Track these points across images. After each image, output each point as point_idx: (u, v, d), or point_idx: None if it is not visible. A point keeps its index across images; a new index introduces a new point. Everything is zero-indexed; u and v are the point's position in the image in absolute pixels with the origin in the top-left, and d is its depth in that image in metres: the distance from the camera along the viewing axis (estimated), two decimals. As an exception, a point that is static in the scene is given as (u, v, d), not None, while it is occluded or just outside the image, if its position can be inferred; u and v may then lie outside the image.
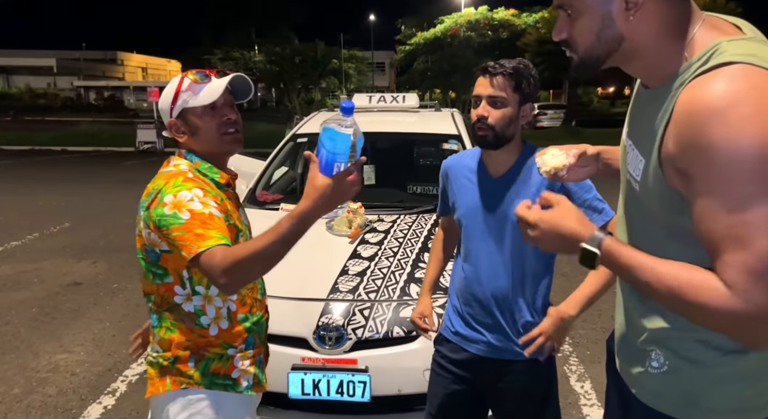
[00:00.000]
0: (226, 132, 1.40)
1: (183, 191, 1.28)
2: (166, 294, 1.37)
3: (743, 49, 0.86)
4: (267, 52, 34.49)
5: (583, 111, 33.42)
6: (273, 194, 3.55)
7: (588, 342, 3.71)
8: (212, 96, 1.35)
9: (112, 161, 15.52)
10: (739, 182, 0.82)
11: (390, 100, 4.55)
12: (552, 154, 1.30)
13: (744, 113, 0.80)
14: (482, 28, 29.23)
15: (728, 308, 0.83)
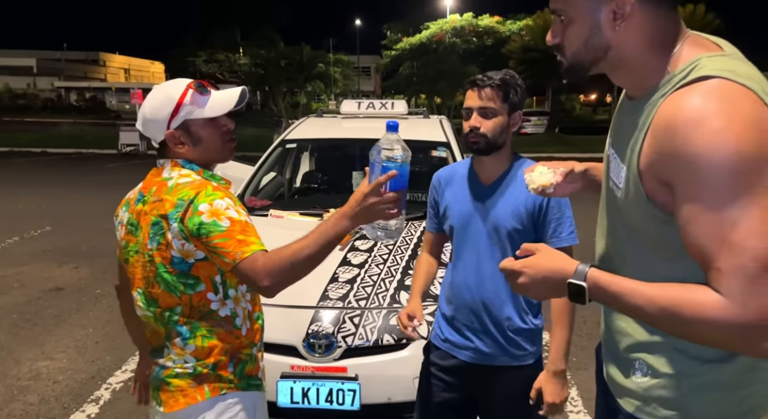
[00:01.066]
0: (226, 141, 1.44)
1: (217, 200, 1.30)
2: (200, 303, 1.36)
3: (721, 65, 0.90)
4: (252, 54, 34.32)
5: (565, 118, 33.84)
6: (261, 200, 3.54)
7: (575, 349, 3.73)
8: (223, 109, 1.38)
9: (94, 163, 15.29)
10: (720, 188, 0.84)
11: (379, 107, 4.57)
12: (540, 172, 1.34)
13: (719, 125, 0.84)
14: (467, 35, 29.46)
15: (728, 318, 0.83)
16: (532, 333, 1.72)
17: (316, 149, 4.85)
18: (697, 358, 1.00)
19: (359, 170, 4.03)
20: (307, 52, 32.42)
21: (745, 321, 0.82)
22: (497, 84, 1.61)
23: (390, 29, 38.84)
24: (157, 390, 1.42)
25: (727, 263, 0.83)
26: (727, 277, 0.84)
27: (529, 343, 1.72)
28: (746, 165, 0.83)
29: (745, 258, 0.82)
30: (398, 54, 31.01)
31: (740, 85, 0.87)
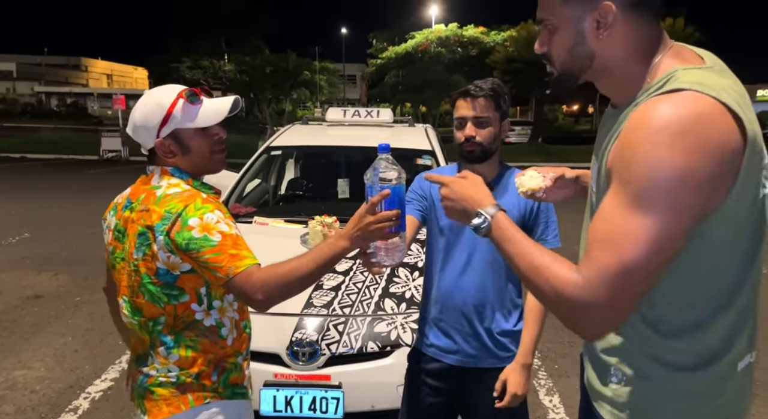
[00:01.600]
0: (217, 151, 1.42)
1: (207, 214, 1.28)
2: (184, 313, 1.36)
3: (695, 78, 0.92)
4: (237, 61, 34.21)
5: (548, 128, 34.25)
6: (246, 207, 3.52)
7: (556, 356, 3.78)
8: (216, 119, 1.37)
9: (74, 169, 15.07)
10: (638, 194, 0.88)
11: (364, 115, 4.59)
12: (530, 176, 1.37)
13: (672, 138, 0.86)
14: (452, 45, 29.76)
15: (573, 296, 0.91)
16: (517, 335, 1.75)
17: (302, 156, 4.85)
18: (670, 366, 1.01)
19: (344, 177, 4.04)
20: (293, 60, 32.42)
21: (588, 301, 0.90)
22: (490, 94, 1.65)
23: (376, 38, 39.07)
24: (141, 398, 1.41)
25: (600, 256, 0.90)
26: (592, 267, 0.91)
27: (514, 345, 1.74)
28: (667, 186, 0.87)
29: (615, 258, 0.88)
30: (384, 63, 31.20)
31: (711, 97, 0.89)
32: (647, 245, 0.87)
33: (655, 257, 0.88)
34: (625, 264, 0.88)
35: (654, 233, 0.87)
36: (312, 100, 35.10)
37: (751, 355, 1.05)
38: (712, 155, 0.86)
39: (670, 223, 0.87)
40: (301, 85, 33.31)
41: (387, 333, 2.38)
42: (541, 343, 3.94)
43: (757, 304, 1.04)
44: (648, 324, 1.01)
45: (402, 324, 2.42)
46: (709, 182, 0.87)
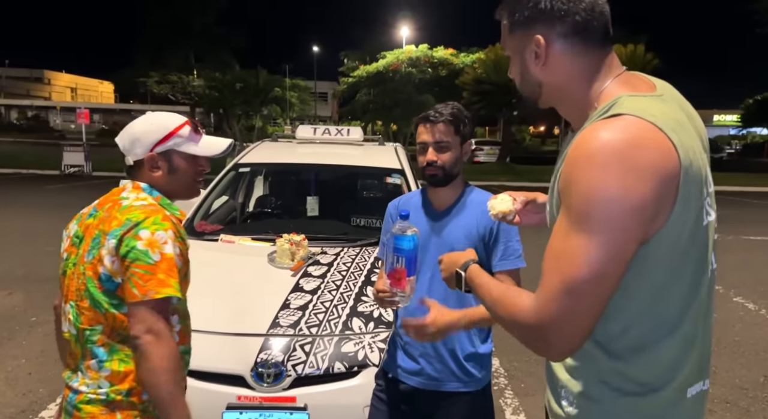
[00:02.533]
0: (198, 180, 1.53)
1: (160, 231, 1.34)
2: (121, 325, 1.36)
3: (635, 104, 0.96)
4: (206, 77, 33.90)
5: (516, 148, 34.94)
6: (212, 225, 3.46)
7: (522, 375, 3.81)
8: (213, 151, 1.51)
9: (34, 184, 14.58)
10: (580, 216, 0.92)
11: (334, 133, 4.59)
12: (501, 199, 1.41)
13: (606, 160, 0.90)
14: (422, 65, 30.21)
15: (524, 317, 0.99)
16: (482, 359, 1.75)
17: (271, 173, 4.82)
18: (618, 390, 1.02)
19: (314, 195, 4.02)
20: (264, 76, 32.31)
21: (532, 323, 0.97)
22: (449, 119, 1.68)
23: (347, 57, 39.35)
24: (69, 416, 1.38)
25: (547, 278, 0.96)
26: (542, 287, 0.97)
27: (478, 369, 1.74)
28: (604, 207, 0.90)
29: (557, 279, 0.94)
30: (355, 81, 31.41)
31: (648, 122, 0.92)
32: (586, 265, 0.91)
33: (595, 276, 0.91)
34: (566, 283, 0.92)
35: (592, 253, 0.91)
36: (283, 116, 34.99)
37: (703, 383, 1.07)
38: (647, 177, 0.89)
39: (608, 243, 0.91)
40: (271, 101, 33.17)
41: (354, 352, 2.35)
42: (507, 362, 3.98)
43: (706, 334, 1.07)
44: (596, 343, 1.03)
45: (370, 344, 2.39)
46: (646, 203, 0.90)
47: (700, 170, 0.96)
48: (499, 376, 3.77)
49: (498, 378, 3.73)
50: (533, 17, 1.04)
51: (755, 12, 23.43)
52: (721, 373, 3.88)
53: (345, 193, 4.48)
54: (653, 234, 0.93)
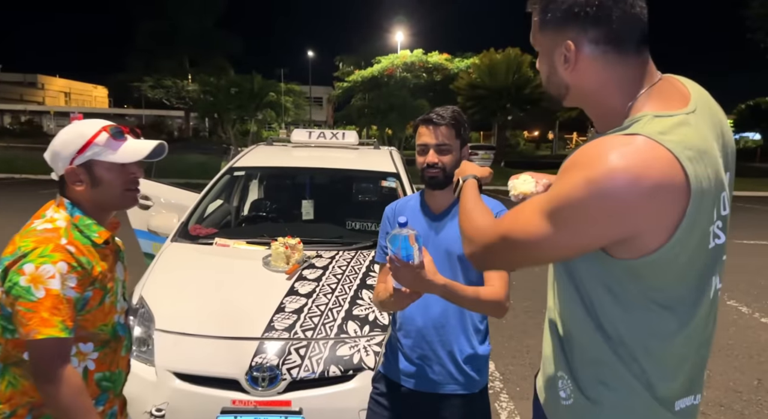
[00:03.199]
0: (130, 189, 1.43)
1: (46, 265, 1.26)
2: (14, 350, 1.33)
3: (658, 127, 0.92)
4: (201, 81, 33.89)
5: (511, 152, 35.05)
6: (207, 228, 3.44)
7: (518, 379, 3.80)
8: (135, 157, 1.39)
9: (27, 189, 14.49)
10: (553, 206, 0.96)
11: (330, 137, 4.59)
12: (524, 180, 1.40)
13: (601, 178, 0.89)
14: (417, 70, 30.31)
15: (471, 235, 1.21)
16: (479, 361, 1.74)
17: (266, 177, 4.81)
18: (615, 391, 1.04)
19: (309, 198, 4.01)
20: (258, 81, 32.31)
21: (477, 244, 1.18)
22: (451, 123, 1.71)
23: (342, 61, 39.43)
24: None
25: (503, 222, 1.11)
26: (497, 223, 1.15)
27: (476, 371, 1.74)
28: (577, 212, 0.92)
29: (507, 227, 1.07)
30: (350, 86, 31.47)
31: (664, 148, 0.89)
32: (532, 238, 1.00)
33: (523, 248, 1.03)
34: (506, 234, 1.06)
35: (542, 234, 0.98)
36: (278, 121, 34.99)
37: (693, 398, 1.07)
38: (643, 192, 0.87)
39: (561, 239, 0.97)
40: (266, 106, 33.16)
41: (350, 356, 2.35)
42: (503, 366, 3.97)
43: (701, 353, 1.08)
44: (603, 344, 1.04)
45: (365, 347, 2.39)
46: (628, 216, 0.90)
47: (714, 198, 0.94)
48: (494, 380, 3.76)
49: (493, 382, 3.72)
50: (565, 19, 0.99)
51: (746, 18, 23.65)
52: (715, 376, 3.89)
53: (340, 196, 4.48)
54: (650, 252, 0.93)
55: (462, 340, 1.72)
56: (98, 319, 1.39)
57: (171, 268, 2.93)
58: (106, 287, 1.41)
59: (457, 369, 1.71)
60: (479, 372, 1.74)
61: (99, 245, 1.41)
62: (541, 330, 1.27)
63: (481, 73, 24.08)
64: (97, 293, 1.37)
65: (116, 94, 47.50)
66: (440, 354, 1.71)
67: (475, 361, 1.73)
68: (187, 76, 36.87)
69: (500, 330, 4.63)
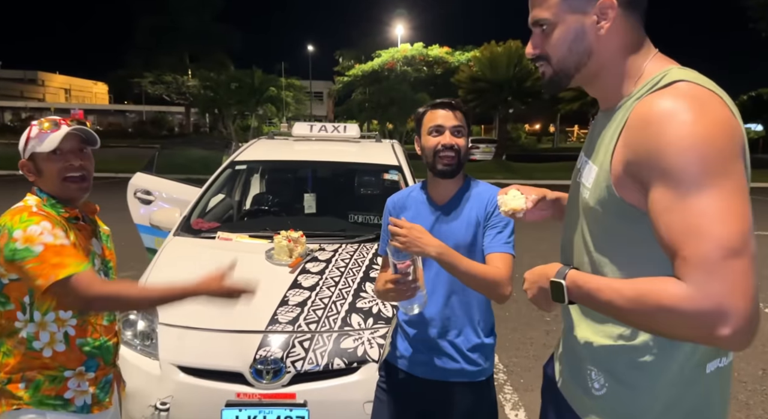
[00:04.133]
0: (68, 177, 1.52)
1: (32, 226, 1.41)
2: (8, 322, 1.48)
3: (691, 75, 0.99)
4: (201, 77, 33.82)
5: (512, 146, 34.97)
6: (209, 223, 3.44)
7: (521, 370, 3.80)
8: (52, 145, 1.49)
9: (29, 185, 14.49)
10: (688, 176, 0.87)
11: (331, 130, 4.57)
12: (513, 195, 1.39)
13: (689, 118, 0.90)
14: (418, 64, 30.19)
15: (689, 305, 0.83)
16: (486, 350, 1.74)
17: (267, 171, 4.80)
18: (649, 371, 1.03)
19: (311, 192, 4.01)
20: (259, 76, 32.22)
21: (704, 308, 0.82)
22: (465, 110, 1.74)
23: (342, 56, 39.31)
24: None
25: (692, 251, 0.84)
26: (691, 265, 0.84)
27: (483, 360, 1.73)
28: (712, 155, 0.88)
29: (709, 245, 0.83)
30: (351, 80, 31.36)
31: (709, 90, 0.95)
32: (736, 217, 0.84)
33: (749, 225, 0.84)
34: (724, 246, 0.82)
35: (733, 202, 0.85)
36: (278, 116, 34.94)
37: (720, 360, 1.06)
38: (726, 128, 0.91)
39: (735, 188, 0.87)
40: (267, 101, 33.08)
41: (354, 348, 2.34)
42: (507, 358, 3.97)
43: None
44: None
45: (369, 340, 2.38)
46: (737, 150, 0.91)
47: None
48: (498, 372, 3.76)
49: (497, 374, 3.72)
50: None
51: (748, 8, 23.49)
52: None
53: (342, 189, 4.47)
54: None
55: (468, 330, 1.71)
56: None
57: (174, 262, 2.93)
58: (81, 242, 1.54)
59: (462, 358, 1.71)
60: (486, 361, 1.74)
61: (70, 220, 1.54)
62: (545, 322, 1.26)
63: (482, 66, 23.96)
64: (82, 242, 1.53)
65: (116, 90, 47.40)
66: (446, 343, 1.71)
67: (482, 350, 1.73)
68: (187, 71, 36.78)
69: (504, 322, 4.62)
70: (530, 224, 1.66)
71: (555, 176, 19.81)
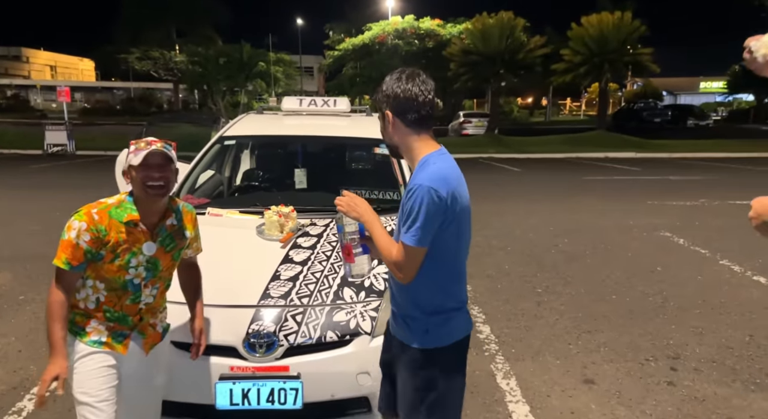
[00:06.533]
0: (149, 186, 1.88)
1: (75, 221, 1.84)
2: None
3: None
4: (189, 52, 33.19)
5: (504, 120, 34.78)
6: (198, 198, 3.41)
7: (513, 341, 3.85)
8: (140, 159, 1.87)
9: (17, 164, 14.33)
10: None
11: (321, 104, 4.51)
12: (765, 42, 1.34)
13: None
14: (409, 37, 29.77)
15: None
16: (419, 323, 1.76)
17: (257, 146, 4.74)
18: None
19: (302, 167, 3.97)
20: (247, 51, 31.67)
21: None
22: (377, 98, 1.81)
23: (332, 29, 38.67)
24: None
25: None
26: None
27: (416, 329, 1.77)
28: None
29: None
30: (341, 54, 30.96)
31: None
32: None
33: None
34: None
35: None
36: (268, 92, 34.47)
37: None
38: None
39: None
40: (256, 76, 32.60)
41: (346, 321, 2.35)
42: (498, 329, 4.02)
43: None
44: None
45: (361, 313, 2.40)
46: None
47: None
48: (490, 342, 3.81)
49: (489, 345, 3.77)
50: None
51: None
52: (708, 334, 3.96)
53: (333, 164, 4.43)
54: None
55: (410, 304, 1.76)
56: (109, 272, 1.88)
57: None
58: (116, 252, 1.88)
59: (404, 326, 1.79)
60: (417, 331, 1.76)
61: (126, 223, 1.89)
62: (536, 294, 1.26)
63: (474, 39, 23.62)
64: (108, 254, 1.87)
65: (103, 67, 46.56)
66: (397, 311, 1.82)
67: (416, 323, 1.76)
68: (174, 47, 36.03)
69: (496, 294, 4.65)
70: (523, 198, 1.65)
71: (548, 150, 19.79)
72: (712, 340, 3.86)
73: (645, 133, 23.92)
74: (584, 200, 9.41)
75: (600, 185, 11.44)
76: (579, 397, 3.11)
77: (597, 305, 4.53)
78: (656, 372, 3.40)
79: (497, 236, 6.86)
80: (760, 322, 4.16)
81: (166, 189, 1.90)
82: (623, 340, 3.85)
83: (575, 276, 5.26)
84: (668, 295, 4.74)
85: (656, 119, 31.31)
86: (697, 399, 3.08)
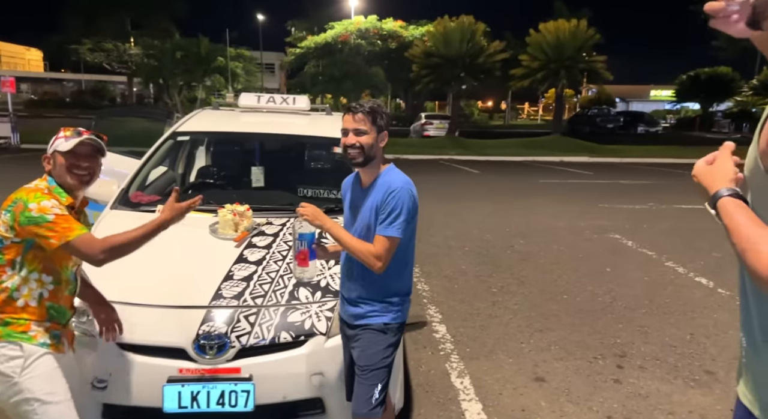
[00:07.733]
0: (74, 173, 1.90)
1: (44, 201, 1.79)
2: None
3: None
4: (144, 44, 32.17)
5: (465, 122, 35.25)
6: (149, 195, 3.30)
7: (468, 340, 3.90)
8: (69, 146, 1.89)
9: None
10: None
11: (280, 102, 4.44)
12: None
13: None
14: (372, 37, 29.78)
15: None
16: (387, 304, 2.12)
17: (213, 143, 4.64)
18: None
19: (259, 165, 3.91)
20: (205, 45, 30.92)
21: None
22: (366, 111, 2.03)
23: (294, 26, 38.28)
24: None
25: None
26: None
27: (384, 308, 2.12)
28: None
29: None
30: (303, 52, 30.65)
31: None
32: None
33: None
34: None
35: None
36: (227, 88, 33.78)
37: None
38: None
39: None
40: (214, 71, 31.89)
41: (301, 322, 2.33)
42: (454, 328, 4.07)
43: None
44: None
45: (317, 313, 2.37)
46: None
47: None
48: (445, 342, 3.85)
49: (445, 344, 3.81)
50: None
51: (689, -10, 24.25)
52: (653, 332, 4.12)
53: (291, 163, 4.38)
54: None
55: (359, 287, 2.12)
56: (63, 259, 1.88)
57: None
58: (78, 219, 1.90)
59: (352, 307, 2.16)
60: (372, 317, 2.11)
61: (68, 207, 1.87)
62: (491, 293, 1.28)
63: (436, 42, 23.82)
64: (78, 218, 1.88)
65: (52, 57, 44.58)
66: (346, 296, 2.18)
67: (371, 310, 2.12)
68: (129, 39, 34.88)
69: (452, 294, 4.71)
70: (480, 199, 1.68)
71: (506, 153, 20.18)
72: (656, 339, 4.02)
73: (598, 138, 24.73)
74: (539, 202, 9.64)
75: (555, 188, 11.75)
76: (530, 395, 3.17)
77: (549, 304, 4.64)
78: (603, 369, 3.51)
79: (455, 236, 6.94)
80: (700, 321, 4.36)
81: (90, 179, 1.95)
82: (573, 339, 3.96)
83: (529, 276, 5.38)
84: (616, 295, 4.91)
85: (609, 124, 32.37)
86: (641, 396, 3.20)
